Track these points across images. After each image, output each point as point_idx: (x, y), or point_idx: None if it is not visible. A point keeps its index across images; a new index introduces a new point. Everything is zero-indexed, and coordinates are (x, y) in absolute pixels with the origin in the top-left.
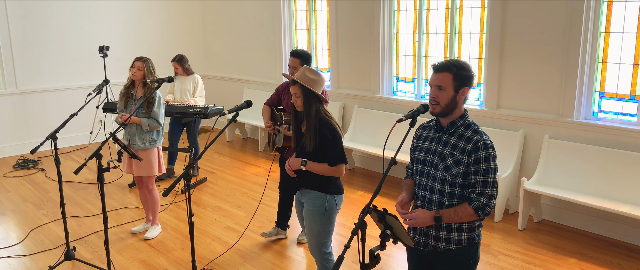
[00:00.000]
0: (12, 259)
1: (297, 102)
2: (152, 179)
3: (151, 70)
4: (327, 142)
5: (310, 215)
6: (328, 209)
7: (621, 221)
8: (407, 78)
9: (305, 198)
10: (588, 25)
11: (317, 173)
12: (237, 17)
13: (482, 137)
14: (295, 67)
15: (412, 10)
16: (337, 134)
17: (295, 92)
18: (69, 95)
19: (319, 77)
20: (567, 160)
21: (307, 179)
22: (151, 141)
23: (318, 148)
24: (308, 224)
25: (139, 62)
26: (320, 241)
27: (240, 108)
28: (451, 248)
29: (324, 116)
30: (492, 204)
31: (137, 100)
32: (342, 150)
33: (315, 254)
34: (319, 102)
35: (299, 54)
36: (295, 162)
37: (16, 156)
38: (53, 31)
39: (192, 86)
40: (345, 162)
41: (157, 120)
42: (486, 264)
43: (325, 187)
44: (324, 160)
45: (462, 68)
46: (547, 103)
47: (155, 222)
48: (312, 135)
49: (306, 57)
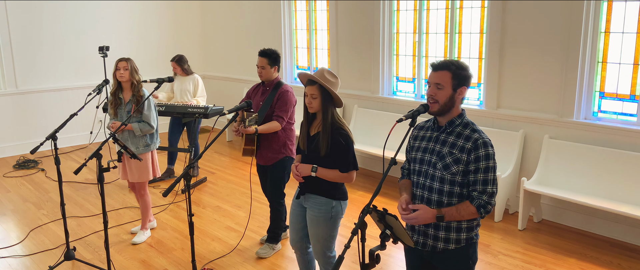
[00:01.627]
0: (12, 259)
1: (312, 104)
2: (145, 184)
3: (135, 69)
4: (340, 147)
5: (316, 221)
6: (334, 214)
7: (621, 221)
8: (407, 78)
9: (310, 203)
10: (588, 25)
11: (328, 179)
12: (237, 17)
13: (481, 135)
14: (263, 67)
15: (412, 10)
16: (350, 140)
17: (313, 92)
18: (69, 95)
19: (337, 79)
20: (567, 160)
21: (314, 184)
22: (145, 145)
23: (330, 153)
24: (313, 230)
25: (123, 62)
26: (325, 246)
27: (240, 108)
28: (450, 248)
29: (338, 121)
30: (493, 202)
31: (127, 104)
32: (354, 156)
33: (319, 258)
34: (334, 105)
35: (268, 53)
36: (305, 169)
37: (16, 156)
38: (53, 31)
39: (192, 86)
40: (356, 169)
41: (149, 124)
42: (486, 264)
43: (332, 193)
44: (334, 166)
45: (461, 67)
46: (547, 103)
47: (144, 226)
48: (326, 140)
49: (274, 57)
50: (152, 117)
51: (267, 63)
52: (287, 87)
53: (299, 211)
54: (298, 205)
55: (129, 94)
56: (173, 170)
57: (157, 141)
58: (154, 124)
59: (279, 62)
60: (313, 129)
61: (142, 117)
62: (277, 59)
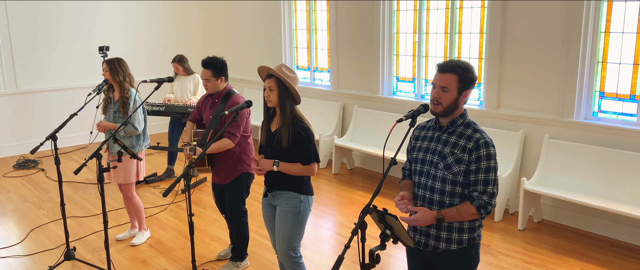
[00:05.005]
0: (12, 259)
1: (270, 97)
2: (131, 186)
3: (117, 70)
4: (301, 140)
5: (284, 216)
6: (302, 209)
7: (621, 221)
8: (407, 78)
9: (279, 200)
10: (588, 25)
11: (290, 173)
12: (237, 17)
13: (483, 135)
14: (208, 79)
15: (412, 10)
16: (310, 133)
17: (270, 85)
18: (69, 95)
19: (295, 75)
20: (567, 160)
21: (281, 180)
22: (130, 147)
23: (291, 146)
24: (279, 227)
25: (104, 64)
26: (290, 245)
27: (241, 108)
28: (452, 248)
29: (297, 115)
30: (493, 202)
31: (115, 104)
32: (315, 149)
33: (285, 259)
34: (293, 100)
35: (211, 63)
36: (267, 164)
37: (16, 156)
38: (53, 31)
39: (192, 86)
40: (318, 161)
41: (134, 125)
42: (486, 264)
43: (299, 188)
44: (296, 160)
45: (468, 70)
46: (547, 103)
47: (142, 227)
48: (287, 132)
49: (219, 67)
50: (137, 119)
51: (211, 75)
52: (238, 98)
53: (270, 212)
54: (268, 205)
55: (118, 94)
56: (173, 170)
57: (144, 143)
58: (139, 127)
59: (226, 72)
60: (273, 125)
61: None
62: (222, 69)
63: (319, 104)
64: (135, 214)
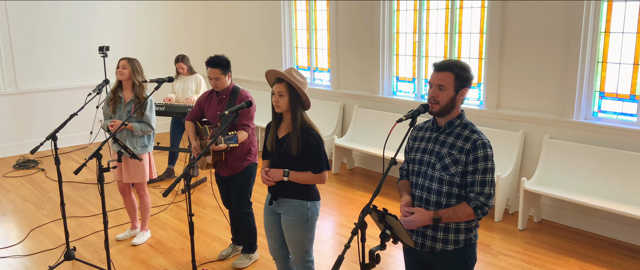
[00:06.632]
0: (12, 259)
1: (279, 102)
2: (144, 185)
3: (138, 70)
4: (311, 148)
5: (292, 225)
6: (310, 216)
7: (621, 221)
8: (407, 78)
9: (284, 208)
10: (588, 25)
11: (300, 182)
12: (237, 17)
13: (480, 136)
14: (217, 77)
15: (412, 10)
16: (321, 140)
17: (281, 90)
18: (69, 95)
19: (305, 80)
20: (567, 160)
21: (286, 188)
22: (142, 146)
23: (301, 154)
24: (290, 235)
25: (123, 61)
26: (304, 250)
27: (241, 108)
28: (448, 249)
29: (307, 122)
30: (490, 203)
31: (127, 104)
32: (326, 156)
33: (298, 264)
34: (303, 106)
35: (218, 62)
36: (277, 174)
37: (16, 156)
38: (53, 31)
39: (194, 85)
40: (328, 168)
41: (150, 124)
42: (486, 264)
43: (305, 195)
44: (305, 168)
45: (464, 69)
46: (547, 103)
47: (144, 227)
48: (296, 139)
49: (225, 64)
50: (152, 118)
51: (221, 73)
52: (246, 92)
53: (273, 219)
54: (271, 212)
55: (129, 93)
56: (173, 170)
57: (153, 143)
58: (154, 126)
59: (230, 68)
60: (281, 131)
61: (143, 118)
62: (228, 66)
63: (319, 104)
64: (142, 212)
